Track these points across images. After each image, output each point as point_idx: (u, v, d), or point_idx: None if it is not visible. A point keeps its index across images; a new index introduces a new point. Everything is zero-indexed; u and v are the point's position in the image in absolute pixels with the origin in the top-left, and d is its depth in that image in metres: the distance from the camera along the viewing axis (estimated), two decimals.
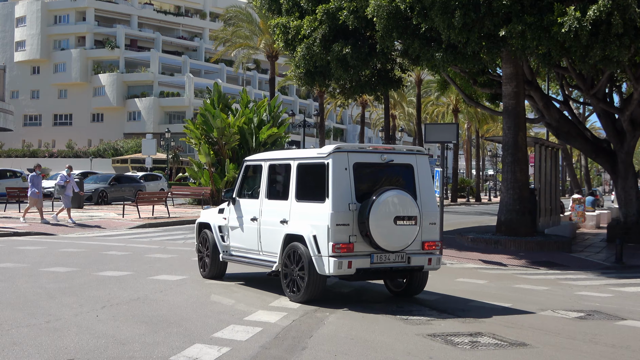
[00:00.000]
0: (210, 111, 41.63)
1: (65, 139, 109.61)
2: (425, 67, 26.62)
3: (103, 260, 18.13)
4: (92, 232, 26.76)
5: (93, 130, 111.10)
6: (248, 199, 14.53)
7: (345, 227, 12.32)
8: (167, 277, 15.52)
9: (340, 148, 12.75)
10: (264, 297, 13.24)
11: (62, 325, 10.30)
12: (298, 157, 13.48)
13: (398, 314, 11.91)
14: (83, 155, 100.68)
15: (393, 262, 12.74)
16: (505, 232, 25.53)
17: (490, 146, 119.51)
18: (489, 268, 19.63)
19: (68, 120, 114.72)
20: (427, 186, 13.38)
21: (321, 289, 12.71)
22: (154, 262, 18.17)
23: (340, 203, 12.36)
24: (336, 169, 12.50)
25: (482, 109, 32.76)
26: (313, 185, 12.90)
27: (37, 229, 26.36)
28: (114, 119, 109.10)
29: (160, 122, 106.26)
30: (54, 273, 15.70)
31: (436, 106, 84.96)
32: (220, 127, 40.69)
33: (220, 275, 15.69)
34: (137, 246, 21.95)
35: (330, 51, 26.06)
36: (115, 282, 14.61)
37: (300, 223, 12.86)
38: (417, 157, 13.42)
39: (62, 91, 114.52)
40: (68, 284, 14.14)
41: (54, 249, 20.72)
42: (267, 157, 14.63)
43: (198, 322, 10.76)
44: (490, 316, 12.00)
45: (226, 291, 13.86)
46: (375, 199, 12.32)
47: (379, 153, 13.05)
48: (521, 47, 21.23)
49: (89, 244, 22.25)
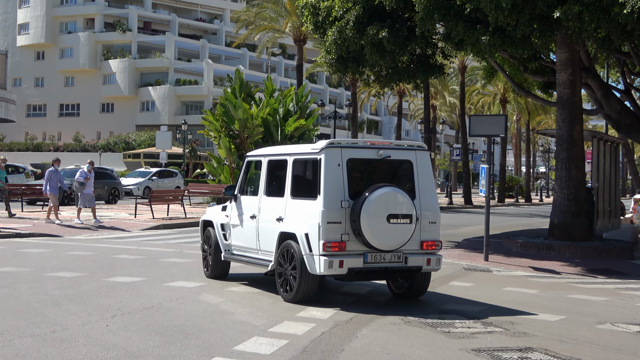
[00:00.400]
0: (231, 101, 41.78)
1: (72, 131, 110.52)
2: (470, 52, 26.53)
3: (113, 265, 18.27)
4: (101, 234, 26.96)
5: (102, 122, 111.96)
6: (249, 196, 15.41)
7: (337, 226, 13.06)
8: (184, 283, 15.61)
9: (333, 143, 13.48)
10: (290, 305, 13.27)
11: (68, 336, 10.38)
12: (294, 153, 14.29)
13: (439, 327, 11.88)
14: (91, 149, 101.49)
15: (389, 262, 13.44)
16: (559, 236, 25.37)
17: (542, 140, 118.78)
18: (540, 276, 19.52)
19: (75, 110, 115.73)
20: (428, 184, 14.01)
21: (314, 288, 13.46)
22: (170, 267, 18.29)
23: (332, 200, 13.09)
24: (329, 164, 13.22)
25: (533, 99, 32.59)
26: (307, 182, 13.73)
27: (41, 230, 26.61)
28: (126, 110, 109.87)
29: (176, 112, 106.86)
30: (60, 278, 15.84)
31: (482, 96, 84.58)
32: (242, 119, 40.81)
33: (222, 275, 16.53)
34: (150, 249, 22.10)
35: (365, 35, 26.03)
36: (126, 288, 14.72)
37: (294, 221, 13.66)
38: (417, 153, 14.05)
39: (68, 79, 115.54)
40: (75, 291, 14.26)
41: (60, 252, 20.90)
42: (267, 152, 15.47)
43: (218, 334, 10.80)
44: (542, 329, 11.93)
45: (248, 299, 13.91)
46: (368, 196, 12.98)
47: (375, 149, 13.73)
48: (578, 30, 21.08)
49: (97, 247, 22.42)
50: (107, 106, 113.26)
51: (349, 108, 59.96)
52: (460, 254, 23.33)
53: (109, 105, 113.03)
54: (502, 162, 72.65)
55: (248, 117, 41.51)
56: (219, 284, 15.72)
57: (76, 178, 30.14)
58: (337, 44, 26.90)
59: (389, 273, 13.71)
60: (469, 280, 18.07)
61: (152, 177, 55.73)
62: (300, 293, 13.44)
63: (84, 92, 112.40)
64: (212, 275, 16.52)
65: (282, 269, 13.81)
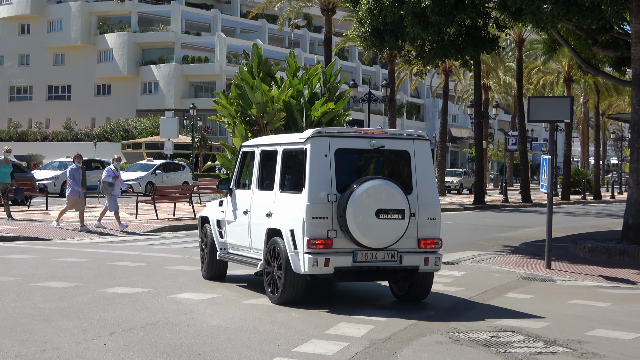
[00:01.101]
0: (248, 81, 41.82)
1: (62, 117, 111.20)
2: (529, 23, 26.36)
3: (111, 273, 18.37)
4: (96, 238, 27.10)
5: (98, 107, 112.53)
6: (243, 190, 16.57)
7: (323, 221, 13.98)
8: (194, 295, 15.68)
9: (320, 132, 14.39)
10: (318, 320, 13.28)
11: (60, 356, 10.45)
12: (283, 143, 15.25)
13: (493, 346, 11.86)
14: (85, 138, 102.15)
15: (381, 262, 14.32)
16: (634, 239, 25.23)
17: (614, 126, 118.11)
18: (612, 286, 19.43)
19: (66, 93, 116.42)
20: (426, 177, 14.87)
21: (300, 290, 14.43)
22: (176, 275, 18.37)
23: (317, 194, 14.02)
24: (315, 155, 14.16)
25: (603, 77, 32.43)
26: (295, 174, 14.75)
27: (27, 233, 26.78)
28: (125, 92, 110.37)
29: (183, 95, 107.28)
30: (50, 289, 15.94)
31: (542, 74, 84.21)
32: (260, 102, 40.85)
33: (220, 276, 17.70)
34: (154, 255, 22.21)
35: (405, 3, 25.99)
36: (127, 301, 14.80)
37: (282, 216, 14.66)
38: (416, 143, 14.91)
39: (58, 56, 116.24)
40: (68, 303, 14.35)
41: (50, 258, 21.04)
42: (260, 142, 16.63)
43: (234, 354, 10.84)
44: (615, 349, 11.88)
45: (268, 313, 13.93)
46: (354, 190, 13.85)
47: (367, 138, 14.58)
48: None
49: (92, 253, 22.55)
50: (102, 88, 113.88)
51: (385, 89, 59.90)
52: (517, 261, 23.27)
53: (105, 87, 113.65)
54: (566, 152, 72.29)
55: (268, 100, 41.55)
56: (234, 295, 15.76)
57: (103, 178, 29.87)
58: (372, 14, 26.88)
59: (381, 273, 14.66)
60: (529, 291, 18.01)
61: (155, 171, 56.01)
62: (286, 294, 14.40)
63: (76, 72, 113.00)
64: (208, 276, 17.69)
65: (270, 268, 14.78)
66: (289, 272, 14.23)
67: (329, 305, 14.77)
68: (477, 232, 33.19)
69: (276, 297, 14.61)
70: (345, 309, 14.40)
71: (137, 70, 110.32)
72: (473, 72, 58.07)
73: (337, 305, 14.84)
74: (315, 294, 16.13)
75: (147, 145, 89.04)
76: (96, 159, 58.84)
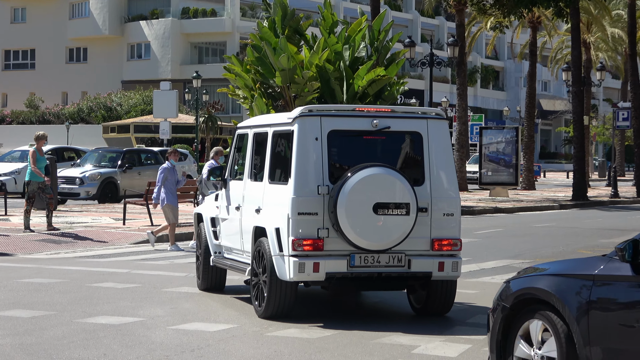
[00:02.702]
0: (270, 41, 41.80)
1: (24, 92, 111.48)
2: None
3: (92, 298, 18.42)
4: (72, 251, 27.16)
5: (70, 77, 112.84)
6: (237, 181, 17.69)
7: (312, 218, 14.83)
8: (202, 325, 15.71)
9: (311, 110, 15.33)
10: (367, 347, 13.26)
11: None
12: (274, 124, 16.33)
13: None
14: (54, 119, 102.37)
15: (384, 266, 15.00)
16: None
17: None
18: None
19: (28, 60, 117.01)
20: (443, 164, 15.56)
21: (288, 301, 15.36)
22: (179, 300, 18.41)
23: (305, 185, 14.91)
24: (303, 138, 15.04)
25: None
26: (283, 162, 15.75)
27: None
28: (106, 58, 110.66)
29: (183, 61, 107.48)
30: (12, 320, 15.99)
31: None
32: (286, 69, 40.85)
33: (217, 286, 18.95)
34: (148, 273, 22.27)
35: None
36: (114, 334, 14.83)
37: (268, 212, 15.66)
38: (430, 123, 15.57)
39: (17, 11, 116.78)
40: (36, 339, 14.39)
41: (11, 278, 21.11)
42: (253, 123, 17.87)
43: None
44: None
45: (302, 348, 13.91)
46: (348, 179, 14.63)
47: (368, 117, 15.35)
48: None
49: (67, 271, 22.63)
50: (76, 52, 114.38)
51: (452, 49, 59.58)
52: None
53: (80, 52, 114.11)
54: None
55: (296, 66, 41.58)
56: (255, 324, 15.75)
57: (205, 177, 29.35)
58: None
59: (385, 281, 15.26)
60: None
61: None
62: (271, 306, 15.40)
63: (41, 32, 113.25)
64: (203, 287, 18.95)
65: (258, 274, 15.80)
66: (273, 279, 15.09)
67: (368, 326, 14.71)
68: (577, 237, 32.95)
69: (261, 310, 15.58)
70: (404, 331, 14.34)
71: (121, 29, 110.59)
72: (570, 23, 57.78)
73: (378, 326, 14.84)
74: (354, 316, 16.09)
75: (137, 127, 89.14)
76: (70, 146, 59.07)
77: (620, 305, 9.24)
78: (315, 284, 15.53)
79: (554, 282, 9.99)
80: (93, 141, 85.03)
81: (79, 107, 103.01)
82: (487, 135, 60.64)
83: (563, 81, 73.37)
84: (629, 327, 9.03)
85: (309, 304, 17.77)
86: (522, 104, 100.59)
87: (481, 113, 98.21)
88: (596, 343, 9.25)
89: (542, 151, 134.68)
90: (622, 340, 9.11)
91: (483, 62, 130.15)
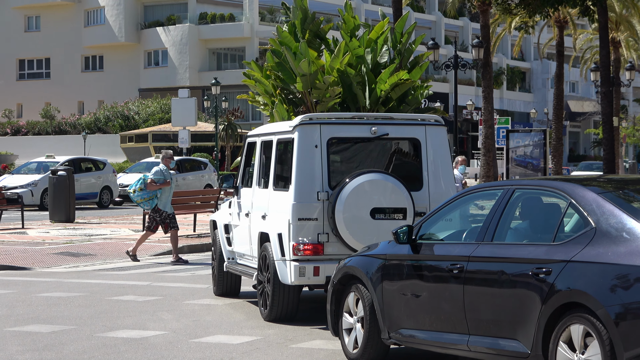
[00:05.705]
0: (290, 45, 41.80)
1: (40, 102, 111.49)
2: None
3: (114, 312, 18.45)
4: (91, 264, 27.16)
5: (86, 86, 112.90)
6: (247, 188, 18.65)
7: (312, 223, 15.88)
8: (226, 338, 15.71)
9: (311, 118, 16.36)
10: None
11: None
12: (278, 132, 17.22)
13: None
14: (71, 129, 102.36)
15: None
16: None
17: None
18: None
19: (43, 69, 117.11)
20: (442, 170, 16.55)
21: (291, 304, 16.44)
22: (201, 313, 18.42)
23: (305, 191, 15.91)
24: (303, 146, 16.00)
25: None
26: (286, 169, 16.68)
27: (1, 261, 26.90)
28: (122, 65, 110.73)
29: (201, 67, 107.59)
30: (31, 335, 16.00)
31: None
32: (307, 74, 40.84)
33: (232, 292, 19.96)
34: (169, 286, 22.29)
35: None
36: (135, 348, 14.85)
37: (272, 218, 16.63)
38: (428, 130, 16.52)
39: (31, 19, 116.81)
40: (55, 354, 14.40)
41: (30, 292, 21.14)
42: (262, 131, 18.69)
43: None
44: None
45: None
46: (346, 185, 15.60)
47: (367, 124, 16.41)
48: None
49: (86, 284, 22.64)
50: (92, 60, 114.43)
51: (477, 50, 59.46)
52: None
53: (96, 60, 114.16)
54: None
55: (317, 71, 41.57)
56: (280, 335, 15.72)
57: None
58: None
59: None
60: None
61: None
62: (275, 310, 16.45)
63: (56, 40, 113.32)
64: (218, 292, 20.02)
65: (263, 279, 16.80)
66: (276, 283, 16.16)
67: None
68: None
69: (265, 313, 16.67)
70: None
71: (138, 35, 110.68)
72: (598, 22, 57.64)
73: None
74: None
75: (155, 136, 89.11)
76: (87, 157, 59.15)
77: (399, 276, 12.45)
78: (317, 287, 16.41)
79: (362, 262, 13.07)
80: (111, 151, 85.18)
81: (95, 117, 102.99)
82: (514, 138, 60.38)
83: (591, 82, 73.13)
84: (404, 295, 12.24)
85: None
86: (549, 106, 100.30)
87: (508, 116, 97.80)
88: (388, 306, 12.40)
89: (570, 154, 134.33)
90: (402, 306, 12.30)
91: (509, 63, 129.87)
